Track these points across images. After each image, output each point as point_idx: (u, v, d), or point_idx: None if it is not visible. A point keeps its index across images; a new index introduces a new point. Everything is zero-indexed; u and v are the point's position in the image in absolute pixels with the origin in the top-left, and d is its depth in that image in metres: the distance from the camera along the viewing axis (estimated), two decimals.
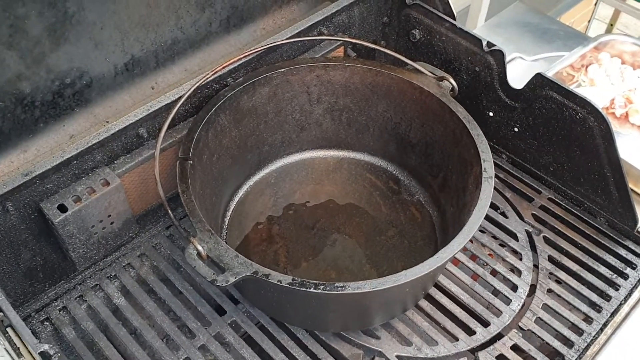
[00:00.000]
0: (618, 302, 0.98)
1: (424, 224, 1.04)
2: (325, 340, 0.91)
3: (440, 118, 0.98)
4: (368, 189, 1.10)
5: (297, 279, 0.73)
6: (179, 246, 1.02)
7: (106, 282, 0.97)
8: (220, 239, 0.77)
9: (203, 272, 0.74)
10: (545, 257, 1.03)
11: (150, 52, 0.97)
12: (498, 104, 1.10)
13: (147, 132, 0.95)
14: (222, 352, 0.89)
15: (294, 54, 1.11)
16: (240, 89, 0.98)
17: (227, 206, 1.05)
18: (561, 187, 1.10)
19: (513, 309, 0.96)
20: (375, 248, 1.01)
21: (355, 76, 1.04)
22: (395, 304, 0.90)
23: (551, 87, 1.00)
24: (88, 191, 0.87)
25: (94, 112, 0.95)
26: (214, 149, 0.96)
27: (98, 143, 0.88)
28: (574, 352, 0.92)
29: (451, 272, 1.00)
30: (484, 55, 1.06)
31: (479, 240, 1.04)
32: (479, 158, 0.88)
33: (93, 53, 0.89)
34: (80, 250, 0.91)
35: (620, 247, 1.04)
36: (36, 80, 0.84)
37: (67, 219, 0.85)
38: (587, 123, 0.98)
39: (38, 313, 0.93)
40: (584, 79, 1.33)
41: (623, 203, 1.02)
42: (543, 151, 1.09)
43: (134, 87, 0.98)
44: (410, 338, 0.92)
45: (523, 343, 0.93)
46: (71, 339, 0.91)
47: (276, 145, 1.10)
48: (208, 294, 0.97)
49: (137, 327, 0.92)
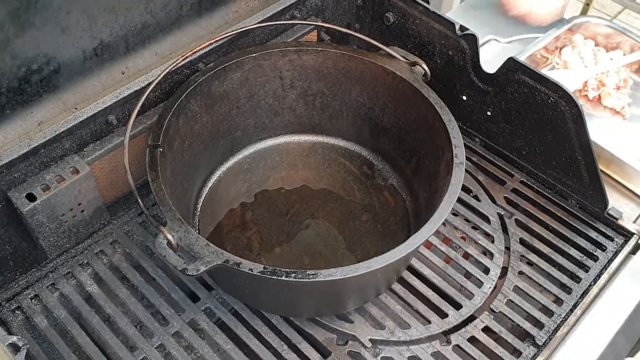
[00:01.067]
0: (588, 284, 0.99)
1: (397, 208, 1.05)
2: (299, 325, 0.92)
3: (413, 103, 0.98)
4: (342, 173, 1.10)
5: (269, 268, 0.73)
6: (151, 233, 1.01)
7: (78, 270, 0.96)
8: (190, 227, 0.77)
9: (173, 261, 0.74)
10: (516, 240, 1.04)
11: (119, 36, 0.95)
12: (471, 88, 1.10)
13: (116, 118, 0.93)
14: (196, 339, 0.90)
15: (266, 38, 1.10)
16: (212, 74, 0.96)
17: (199, 193, 1.05)
18: (533, 170, 1.11)
19: (485, 292, 0.97)
20: (349, 233, 1.01)
21: (328, 61, 1.03)
22: (368, 289, 0.91)
23: (523, 71, 1.01)
24: (57, 179, 0.86)
25: (63, 98, 0.93)
26: (185, 136, 0.95)
27: (67, 131, 0.87)
28: (544, 334, 0.93)
29: (424, 255, 1.01)
30: (457, 39, 1.06)
31: (452, 223, 1.05)
32: (450, 144, 0.88)
33: (60, 38, 0.87)
34: (50, 239, 0.90)
35: (590, 229, 1.06)
36: (1, 67, 0.82)
37: (36, 208, 0.84)
38: (559, 107, 0.99)
39: (9, 302, 0.93)
40: (558, 61, 1.33)
41: (594, 186, 1.03)
42: (515, 135, 1.09)
43: (103, 72, 0.96)
44: (383, 322, 0.93)
45: (494, 325, 0.94)
46: (43, 327, 0.90)
47: (249, 130, 1.09)
48: (181, 280, 0.97)
49: (110, 314, 0.92)
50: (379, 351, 0.91)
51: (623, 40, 1.35)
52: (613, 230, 1.05)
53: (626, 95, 1.27)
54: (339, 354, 0.90)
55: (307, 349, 0.90)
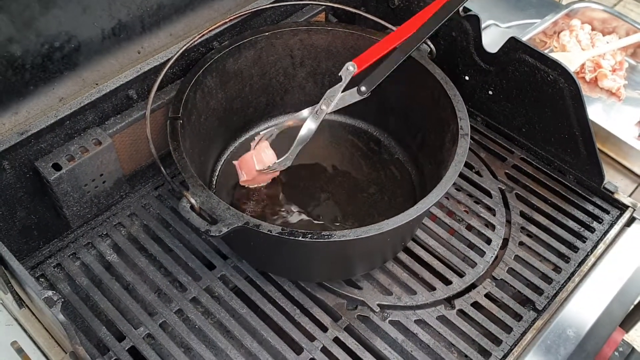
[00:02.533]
0: (585, 253, 1.04)
1: (403, 181, 1.09)
2: (310, 291, 0.96)
3: (419, 80, 1.02)
4: (350, 149, 1.15)
5: (286, 229, 0.77)
6: (167, 206, 1.05)
7: (98, 240, 1.00)
8: (211, 192, 0.81)
9: (197, 223, 0.78)
10: (517, 213, 1.09)
11: (136, 16, 0.98)
12: (473, 68, 1.14)
13: (136, 93, 0.97)
14: (213, 304, 0.94)
15: (278, 18, 1.14)
16: (226, 52, 1.00)
17: (214, 166, 1.09)
18: (532, 147, 1.15)
19: (487, 261, 1.02)
20: (358, 204, 1.06)
21: (337, 40, 1.07)
22: (377, 254, 0.95)
23: (524, 50, 1.05)
24: (81, 150, 0.90)
25: (83, 75, 0.96)
26: (202, 110, 0.99)
27: (90, 103, 0.91)
28: (544, 299, 0.98)
29: (429, 227, 1.05)
30: (460, 20, 1.10)
31: (455, 197, 1.10)
32: (456, 117, 0.93)
33: (81, 17, 0.91)
34: (73, 209, 0.94)
35: (587, 202, 1.10)
36: (26, 44, 0.86)
37: (62, 177, 0.88)
38: (558, 84, 1.03)
39: (33, 270, 0.96)
40: (556, 45, 1.38)
41: (591, 161, 1.07)
42: (516, 113, 1.14)
43: (120, 51, 0.99)
44: (390, 288, 0.98)
45: (496, 291, 0.99)
46: (67, 293, 0.94)
47: (261, 107, 1.13)
48: (197, 250, 1.01)
49: (130, 281, 0.96)
50: (386, 315, 0.95)
51: (619, 24, 1.40)
52: (609, 204, 1.10)
53: (622, 78, 1.32)
54: (349, 317, 0.94)
55: (319, 312, 0.94)
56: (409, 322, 0.95)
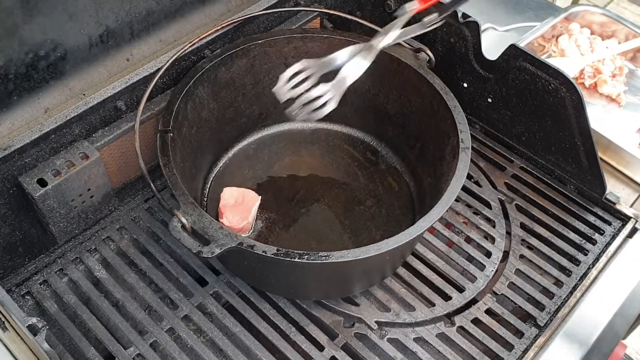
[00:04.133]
0: (587, 266, 1.02)
1: (401, 193, 1.07)
2: (306, 308, 0.93)
3: (418, 90, 0.99)
4: (346, 160, 1.12)
5: (282, 250, 0.75)
6: (158, 219, 1.02)
7: (86, 255, 0.97)
8: (203, 211, 0.78)
9: (188, 244, 0.75)
10: (517, 224, 1.06)
11: (124, 23, 0.95)
12: (472, 75, 1.12)
13: (125, 104, 0.94)
14: (205, 322, 0.91)
15: (271, 25, 1.11)
16: (218, 61, 0.97)
17: (206, 178, 1.05)
18: (533, 156, 1.13)
19: (487, 275, 0.99)
20: (354, 218, 1.03)
21: (333, 47, 1.03)
22: (375, 272, 0.92)
23: (525, 58, 1.02)
24: (67, 165, 0.87)
25: (69, 84, 0.93)
26: (193, 122, 0.96)
27: (77, 116, 0.87)
28: (545, 315, 0.95)
29: (427, 240, 1.02)
30: (459, 26, 1.08)
31: (454, 208, 1.07)
32: (456, 129, 0.90)
33: (67, 24, 0.88)
34: (60, 225, 0.91)
35: (589, 213, 1.08)
36: (9, 53, 0.82)
37: (47, 193, 0.85)
38: (559, 94, 1.00)
39: (18, 287, 0.93)
40: (555, 50, 1.35)
41: (592, 171, 1.05)
42: (516, 121, 1.11)
43: (109, 59, 0.96)
44: (388, 304, 0.95)
45: (497, 307, 0.96)
46: (53, 312, 0.91)
47: (254, 117, 1.10)
48: (189, 265, 0.98)
49: (119, 299, 0.93)
50: (385, 333, 0.93)
51: (618, 28, 1.37)
52: (611, 215, 1.08)
53: (622, 83, 1.30)
54: (346, 335, 0.92)
55: (315, 331, 0.91)
56: (407, 340, 0.92)
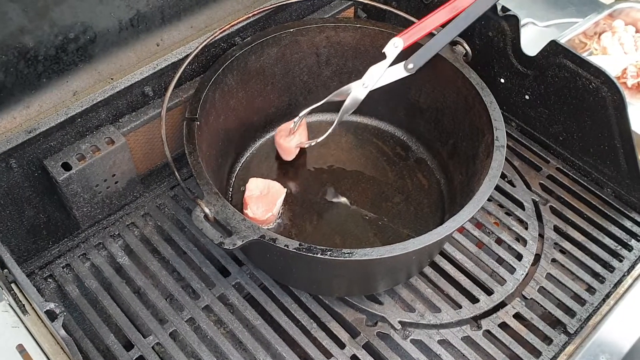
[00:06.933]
0: (621, 274, 0.98)
1: (431, 191, 1.04)
2: (328, 304, 0.92)
3: (453, 84, 0.96)
4: (375, 154, 1.09)
5: (304, 244, 0.73)
6: (183, 207, 1.01)
7: (109, 241, 0.96)
8: (227, 201, 0.76)
9: (210, 234, 0.73)
10: (550, 227, 1.03)
11: (156, 7, 0.94)
12: (510, 70, 1.08)
13: (152, 90, 0.93)
14: (226, 313, 0.90)
15: (303, 13, 1.08)
16: (249, 49, 0.96)
17: (232, 168, 1.04)
18: (569, 157, 1.09)
19: (517, 278, 0.96)
20: (381, 214, 1.00)
21: (366, 38, 1.01)
22: (400, 271, 0.90)
23: (565, 55, 0.99)
24: (92, 149, 0.86)
25: (98, 68, 0.92)
26: (221, 110, 0.95)
27: (103, 101, 0.86)
28: (576, 322, 0.92)
29: (456, 239, 1.00)
30: (498, 20, 1.04)
31: (485, 208, 1.04)
32: (491, 126, 0.87)
33: (98, 7, 0.87)
34: (84, 209, 0.90)
35: (625, 218, 1.04)
36: (39, 35, 0.82)
37: (71, 177, 0.84)
38: (600, 93, 0.96)
39: (41, 270, 0.93)
40: (597, 47, 1.31)
41: (631, 175, 1.01)
42: (553, 120, 1.07)
43: (138, 43, 0.95)
44: (413, 304, 0.92)
45: (525, 312, 0.93)
46: (75, 296, 0.91)
47: (283, 107, 1.08)
48: (212, 255, 0.96)
49: (140, 286, 0.92)
50: (408, 333, 0.90)
51: None
52: None
53: None
54: (368, 334, 0.89)
55: (336, 327, 0.90)
56: (431, 342, 0.89)
